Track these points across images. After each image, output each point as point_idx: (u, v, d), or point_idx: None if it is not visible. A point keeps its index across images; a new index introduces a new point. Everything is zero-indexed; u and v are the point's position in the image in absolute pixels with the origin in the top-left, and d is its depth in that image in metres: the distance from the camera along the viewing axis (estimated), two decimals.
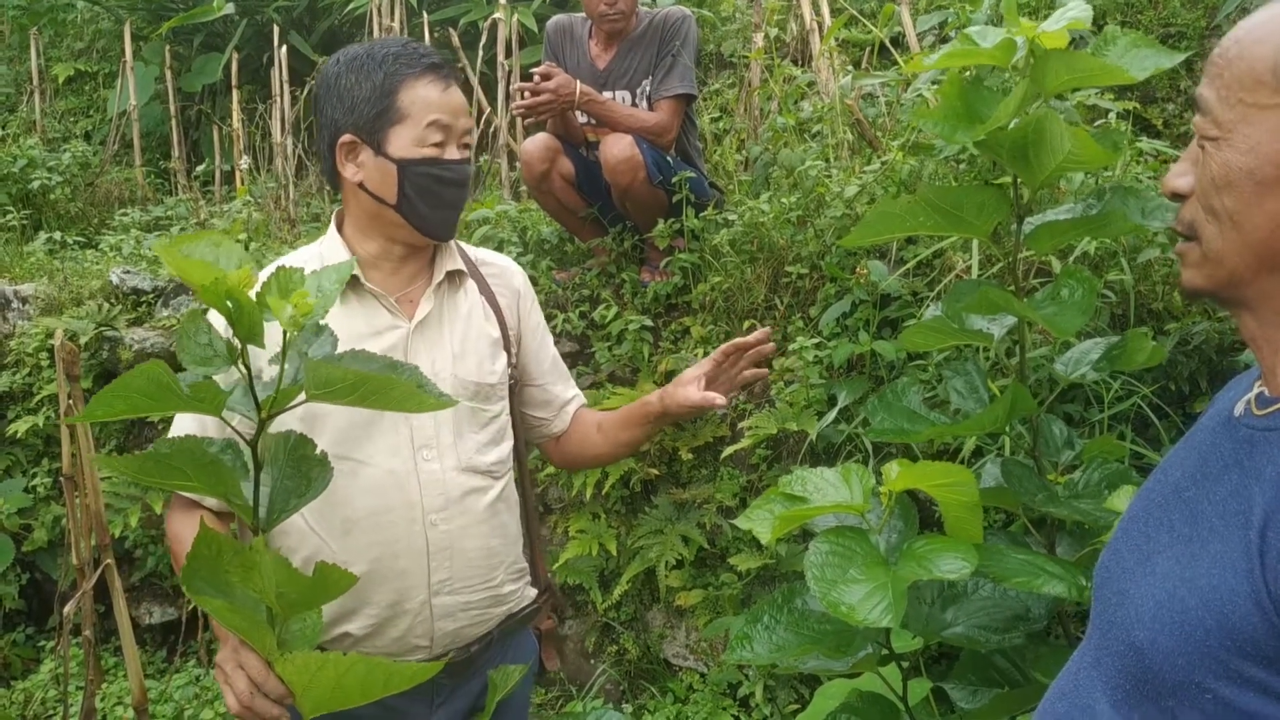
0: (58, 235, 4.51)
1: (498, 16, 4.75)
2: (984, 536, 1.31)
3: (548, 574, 1.68)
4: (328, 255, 1.48)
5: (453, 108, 1.45)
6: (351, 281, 1.44)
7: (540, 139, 3.14)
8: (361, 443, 1.40)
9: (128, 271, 3.76)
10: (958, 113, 1.34)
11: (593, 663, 3.07)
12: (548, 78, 2.92)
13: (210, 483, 1.04)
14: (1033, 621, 1.40)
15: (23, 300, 3.75)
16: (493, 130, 4.68)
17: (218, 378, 0.99)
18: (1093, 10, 1.42)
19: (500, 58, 4.72)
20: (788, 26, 4.42)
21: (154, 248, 1.01)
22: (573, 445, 1.69)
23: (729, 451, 2.78)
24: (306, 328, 1.08)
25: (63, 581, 3.25)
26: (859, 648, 1.39)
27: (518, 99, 3.02)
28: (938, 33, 3.91)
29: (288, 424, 1.15)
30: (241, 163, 4.96)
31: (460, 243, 1.60)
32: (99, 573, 2.32)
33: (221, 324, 1.01)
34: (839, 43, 3.92)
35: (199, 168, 5.33)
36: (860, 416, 2.53)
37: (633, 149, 2.95)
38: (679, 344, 3.06)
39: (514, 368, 1.58)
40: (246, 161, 4.98)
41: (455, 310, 1.52)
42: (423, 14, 5.14)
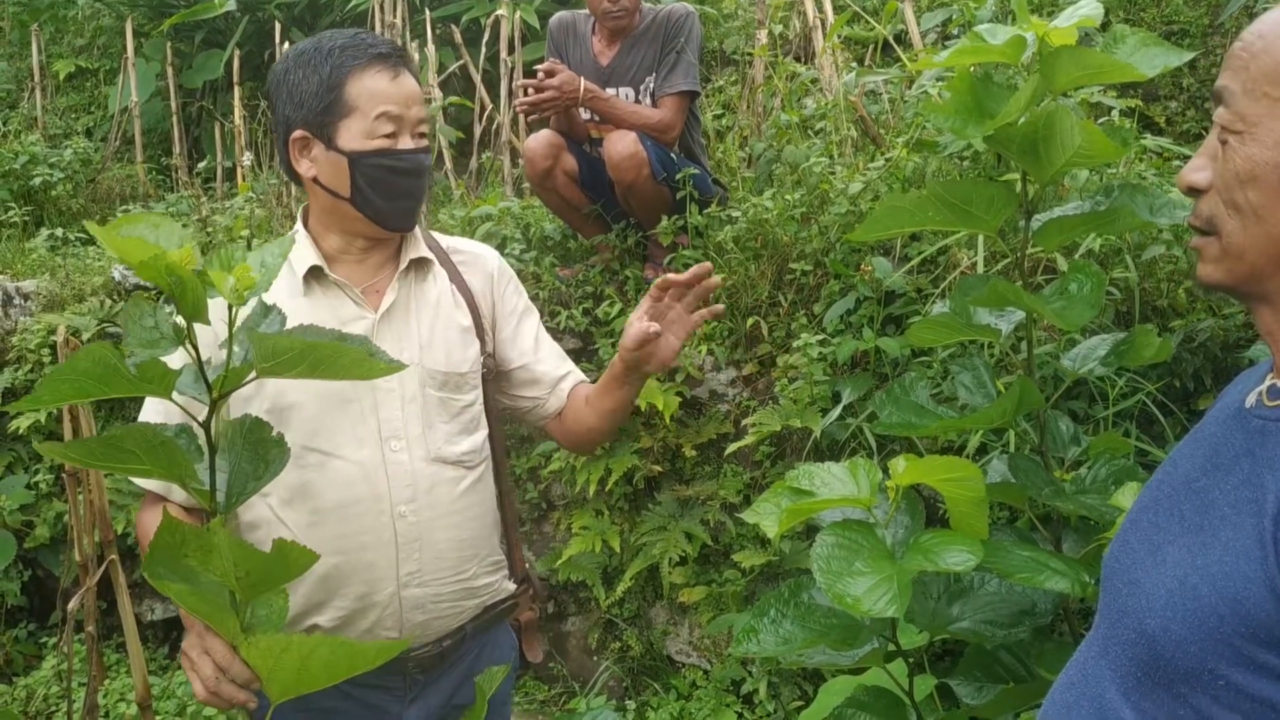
0: (59, 232, 4.51)
1: (500, 13, 4.75)
2: (989, 532, 1.31)
3: (526, 565, 1.66)
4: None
5: (404, 97, 1.43)
6: (316, 273, 1.44)
7: (543, 136, 3.14)
8: (329, 434, 1.39)
9: (129, 268, 3.75)
10: (968, 108, 1.34)
11: (596, 659, 3.07)
12: (551, 75, 2.92)
13: (163, 466, 1.03)
14: (1038, 617, 1.41)
15: (24, 297, 3.75)
16: (495, 127, 4.69)
17: (170, 360, 0.98)
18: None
19: (503, 54, 4.72)
20: (791, 23, 4.42)
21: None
22: (571, 422, 1.64)
23: (733, 448, 2.78)
24: (255, 310, 1.08)
25: (65, 578, 3.24)
26: (865, 641, 1.40)
27: (521, 96, 3.02)
28: (940, 30, 3.90)
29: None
30: (243, 159, 4.95)
31: (434, 233, 1.59)
32: (103, 569, 2.32)
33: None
34: (842, 40, 3.92)
35: (200, 164, 5.32)
36: (864, 413, 2.54)
37: (636, 145, 2.95)
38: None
39: (489, 355, 1.56)
40: (248, 158, 4.97)
41: (423, 299, 1.50)
42: (425, 10, 5.13)
